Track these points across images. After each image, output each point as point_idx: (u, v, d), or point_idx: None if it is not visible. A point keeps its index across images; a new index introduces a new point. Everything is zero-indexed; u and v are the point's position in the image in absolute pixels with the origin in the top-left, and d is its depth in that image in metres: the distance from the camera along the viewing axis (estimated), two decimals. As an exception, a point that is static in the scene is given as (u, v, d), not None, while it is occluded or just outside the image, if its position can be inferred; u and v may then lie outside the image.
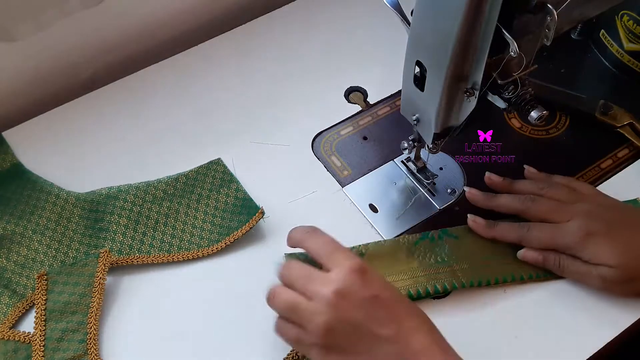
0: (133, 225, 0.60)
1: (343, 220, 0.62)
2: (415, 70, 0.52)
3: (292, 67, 0.75)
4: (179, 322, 0.56)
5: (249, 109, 0.71)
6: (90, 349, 0.53)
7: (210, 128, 0.69)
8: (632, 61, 0.71)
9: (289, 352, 0.54)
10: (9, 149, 0.67)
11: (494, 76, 0.49)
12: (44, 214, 0.61)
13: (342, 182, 0.65)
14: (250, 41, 0.77)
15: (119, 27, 0.75)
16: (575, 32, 0.76)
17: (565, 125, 0.70)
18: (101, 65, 0.76)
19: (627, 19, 0.69)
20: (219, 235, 0.60)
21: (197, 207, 0.62)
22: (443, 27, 0.46)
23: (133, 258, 0.59)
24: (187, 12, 0.79)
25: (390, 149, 0.67)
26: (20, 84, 0.72)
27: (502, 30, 0.45)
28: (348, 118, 0.70)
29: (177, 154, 0.67)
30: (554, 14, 0.43)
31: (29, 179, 0.64)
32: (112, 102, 0.71)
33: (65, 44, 0.72)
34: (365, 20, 0.79)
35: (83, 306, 0.55)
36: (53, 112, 0.70)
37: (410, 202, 0.62)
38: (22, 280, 0.57)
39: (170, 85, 0.73)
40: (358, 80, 0.73)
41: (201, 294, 0.58)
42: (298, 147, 0.68)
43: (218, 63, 0.75)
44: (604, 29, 0.73)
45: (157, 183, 0.63)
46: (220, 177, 0.64)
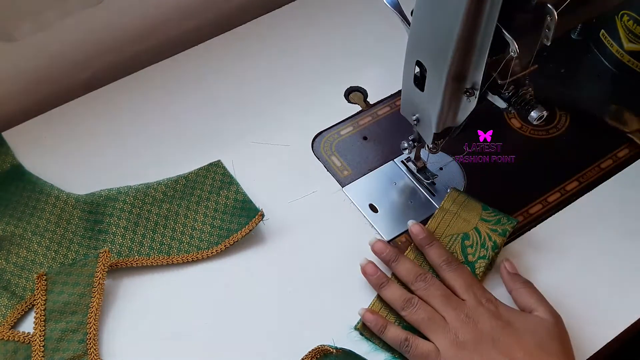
0: (132, 227, 0.60)
1: (343, 220, 0.62)
2: (415, 70, 0.52)
3: (292, 67, 0.75)
4: (178, 324, 0.56)
5: (249, 109, 0.71)
6: (90, 349, 0.53)
7: (210, 128, 0.69)
8: (632, 61, 0.71)
9: (307, 352, 0.53)
10: (9, 150, 0.66)
11: (494, 76, 0.49)
12: (43, 215, 0.61)
13: (342, 182, 0.65)
14: (250, 41, 0.77)
15: (119, 27, 0.75)
16: (575, 32, 0.76)
17: (565, 125, 0.69)
18: (101, 65, 0.76)
19: (627, 19, 0.69)
20: (219, 238, 0.60)
21: (196, 209, 0.62)
22: (443, 27, 0.46)
23: (132, 260, 0.58)
24: (187, 12, 0.79)
25: (390, 149, 0.67)
26: (20, 84, 0.72)
27: (502, 30, 0.44)
28: (348, 118, 0.70)
29: (177, 155, 0.67)
30: (554, 14, 0.43)
31: (28, 180, 0.64)
32: (112, 102, 0.71)
33: (65, 44, 0.72)
34: (365, 20, 0.79)
35: (83, 306, 0.55)
36: (53, 112, 0.70)
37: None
38: (21, 282, 0.57)
39: (170, 85, 0.73)
40: (358, 80, 0.73)
41: (201, 295, 0.58)
42: (298, 147, 0.68)
43: (218, 63, 0.75)
44: (604, 29, 0.73)
45: (156, 185, 0.63)
46: (220, 179, 0.64)
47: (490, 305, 0.53)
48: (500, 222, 0.59)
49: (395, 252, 0.58)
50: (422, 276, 0.56)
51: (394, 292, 0.56)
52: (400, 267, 0.57)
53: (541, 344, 0.50)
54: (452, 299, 0.54)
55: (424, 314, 0.53)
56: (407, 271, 0.57)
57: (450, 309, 0.53)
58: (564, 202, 0.64)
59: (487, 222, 0.59)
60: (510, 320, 0.52)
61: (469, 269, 0.57)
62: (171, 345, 0.55)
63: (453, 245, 0.59)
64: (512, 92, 0.50)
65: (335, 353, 0.53)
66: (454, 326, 0.52)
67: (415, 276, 0.56)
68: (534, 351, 0.50)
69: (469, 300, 0.54)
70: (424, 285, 0.55)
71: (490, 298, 0.54)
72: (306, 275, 0.59)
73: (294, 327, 0.56)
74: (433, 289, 0.55)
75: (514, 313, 0.53)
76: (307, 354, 0.53)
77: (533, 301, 0.54)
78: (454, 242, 0.59)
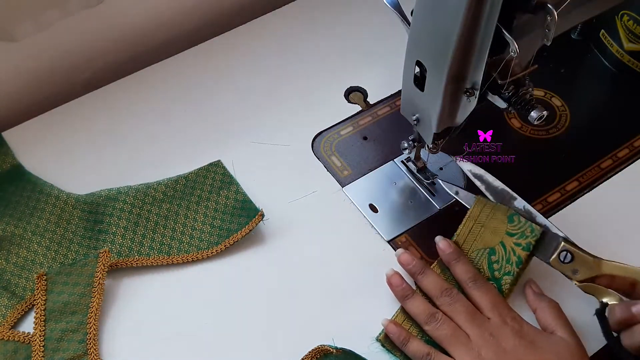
0: (132, 227, 0.60)
1: (343, 220, 0.62)
2: (415, 70, 0.52)
3: (292, 67, 0.75)
4: (178, 324, 0.56)
5: (249, 109, 0.71)
6: (90, 349, 0.53)
7: (210, 128, 0.69)
8: (632, 61, 0.71)
9: (307, 352, 0.53)
10: (9, 150, 0.66)
11: (494, 76, 0.49)
12: (43, 215, 0.61)
13: (342, 182, 0.65)
14: (250, 41, 0.77)
15: (119, 27, 0.75)
16: (575, 32, 0.76)
17: (565, 125, 0.69)
18: (101, 65, 0.76)
19: (627, 19, 0.69)
20: (219, 238, 0.60)
21: (196, 209, 0.62)
22: (443, 27, 0.46)
23: (132, 260, 0.58)
24: (187, 12, 0.79)
25: (390, 149, 0.67)
26: (20, 84, 0.72)
27: (502, 30, 0.44)
28: (348, 118, 0.70)
29: (177, 155, 0.67)
30: (554, 14, 0.43)
31: (28, 180, 0.64)
32: (112, 102, 0.71)
33: (65, 44, 0.72)
34: (365, 20, 0.79)
35: (83, 306, 0.55)
36: (53, 112, 0.70)
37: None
38: (21, 282, 0.57)
39: (170, 85, 0.73)
40: (358, 80, 0.73)
41: (201, 295, 0.58)
42: (298, 147, 0.68)
43: (218, 63, 0.75)
44: (604, 29, 0.73)
45: (156, 185, 0.63)
46: (220, 179, 0.64)
47: (514, 324, 0.53)
48: (524, 236, 0.57)
49: (421, 265, 0.57)
50: (448, 291, 0.55)
51: (419, 305, 0.55)
52: (426, 280, 0.56)
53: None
54: (477, 316, 0.53)
55: (447, 329, 0.53)
56: (433, 285, 0.56)
57: (475, 327, 0.53)
58: (564, 202, 0.64)
59: (511, 236, 0.57)
60: (534, 340, 0.52)
61: (495, 286, 0.56)
62: (171, 345, 0.55)
63: (480, 260, 0.58)
64: (512, 92, 0.50)
65: (335, 353, 0.53)
66: (477, 344, 0.51)
67: (440, 291, 0.55)
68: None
69: (493, 318, 0.53)
70: (449, 301, 0.55)
71: (515, 317, 0.54)
72: (306, 275, 0.59)
73: (293, 327, 0.56)
74: (458, 305, 0.54)
75: (538, 333, 0.53)
76: (307, 354, 0.53)
77: (557, 322, 0.53)
78: (481, 256, 0.58)
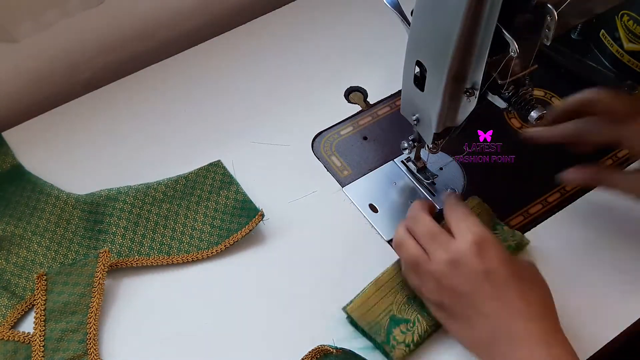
0: (132, 227, 0.60)
1: (343, 220, 0.62)
2: (415, 70, 0.52)
3: (292, 67, 0.75)
4: (178, 324, 0.56)
5: (249, 109, 0.71)
6: (90, 349, 0.53)
7: (210, 128, 0.69)
8: (632, 61, 0.71)
9: (307, 352, 0.53)
10: (9, 150, 0.66)
11: (494, 76, 0.49)
12: (43, 215, 0.61)
13: (342, 182, 0.65)
14: (250, 41, 0.77)
15: (119, 27, 0.75)
16: (575, 32, 0.76)
17: (565, 125, 0.69)
18: (101, 65, 0.76)
19: (627, 19, 0.69)
20: (219, 238, 0.60)
21: (196, 209, 0.62)
22: (443, 27, 0.46)
23: (132, 260, 0.58)
24: (187, 12, 0.79)
25: (390, 149, 0.67)
26: (20, 84, 0.72)
27: (502, 30, 0.44)
28: (348, 118, 0.70)
29: (177, 155, 0.67)
30: (554, 14, 0.43)
31: (28, 180, 0.64)
32: (112, 102, 0.71)
33: (65, 44, 0.72)
34: (365, 20, 0.79)
35: (83, 306, 0.55)
36: (53, 112, 0.70)
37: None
38: (21, 282, 0.57)
39: (170, 85, 0.73)
40: (358, 80, 0.73)
41: (201, 295, 0.58)
42: (298, 147, 0.68)
43: (218, 63, 0.75)
44: (604, 29, 0.73)
45: (156, 185, 0.63)
46: (220, 179, 0.64)
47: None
48: (504, 241, 0.58)
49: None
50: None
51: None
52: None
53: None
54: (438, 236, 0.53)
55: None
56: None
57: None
58: (564, 202, 0.64)
59: None
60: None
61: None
62: (171, 345, 0.55)
63: None
64: (512, 92, 0.50)
65: (335, 353, 0.53)
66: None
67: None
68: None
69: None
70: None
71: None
72: (306, 275, 0.59)
73: (293, 327, 0.56)
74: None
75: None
76: (307, 354, 0.53)
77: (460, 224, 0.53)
78: None
